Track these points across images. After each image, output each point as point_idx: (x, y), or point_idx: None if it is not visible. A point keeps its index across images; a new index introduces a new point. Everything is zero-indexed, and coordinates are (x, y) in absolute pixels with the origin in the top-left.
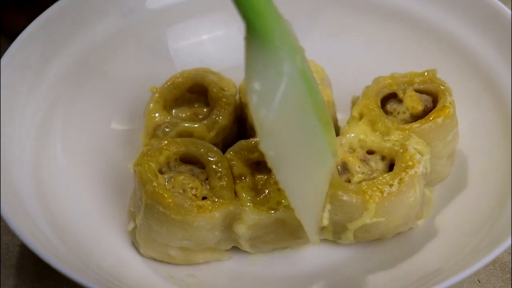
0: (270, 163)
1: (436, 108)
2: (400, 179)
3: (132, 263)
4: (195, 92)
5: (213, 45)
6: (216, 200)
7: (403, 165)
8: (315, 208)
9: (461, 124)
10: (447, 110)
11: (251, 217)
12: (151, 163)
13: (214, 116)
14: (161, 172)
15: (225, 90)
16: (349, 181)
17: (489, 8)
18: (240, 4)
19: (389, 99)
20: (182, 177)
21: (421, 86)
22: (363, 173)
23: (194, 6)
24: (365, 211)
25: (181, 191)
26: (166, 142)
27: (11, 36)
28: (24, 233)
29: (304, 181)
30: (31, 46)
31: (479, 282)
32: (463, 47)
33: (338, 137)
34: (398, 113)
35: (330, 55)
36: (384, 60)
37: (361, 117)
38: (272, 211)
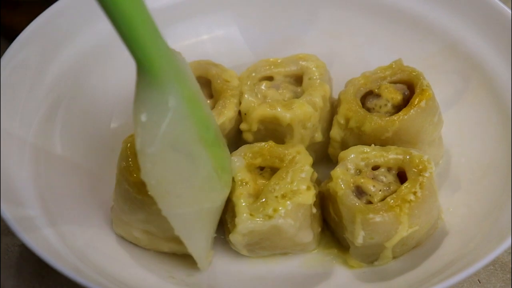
0: (151, 192)
1: (416, 93)
2: (420, 184)
3: (132, 263)
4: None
5: (213, 45)
6: None
7: (416, 170)
8: (203, 234)
9: (462, 124)
10: (427, 93)
11: (245, 226)
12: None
13: (219, 107)
14: None
15: (229, 82)
16: (370, 203)
17: (489, 8)
18: (129, 44)
19: (365, 97)
20: None
21: (394, 78)
22: (380, 190)
23: (194, 6)
24: (399, 225)
25: None
26: None
27: (11, 36)
28: (24, 233)
29: (188, 208)
30: (31, 46)
31: (479, 282)
32: (463, 46)
33: (340, 163)
34: (380, 107)
35: (333, 53)
36: (384, 58)
37: (347, 121)
38: (268, 219)
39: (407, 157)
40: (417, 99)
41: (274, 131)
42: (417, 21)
